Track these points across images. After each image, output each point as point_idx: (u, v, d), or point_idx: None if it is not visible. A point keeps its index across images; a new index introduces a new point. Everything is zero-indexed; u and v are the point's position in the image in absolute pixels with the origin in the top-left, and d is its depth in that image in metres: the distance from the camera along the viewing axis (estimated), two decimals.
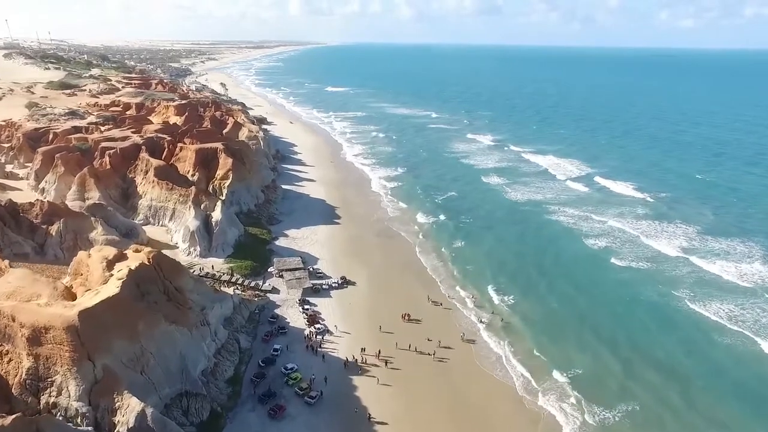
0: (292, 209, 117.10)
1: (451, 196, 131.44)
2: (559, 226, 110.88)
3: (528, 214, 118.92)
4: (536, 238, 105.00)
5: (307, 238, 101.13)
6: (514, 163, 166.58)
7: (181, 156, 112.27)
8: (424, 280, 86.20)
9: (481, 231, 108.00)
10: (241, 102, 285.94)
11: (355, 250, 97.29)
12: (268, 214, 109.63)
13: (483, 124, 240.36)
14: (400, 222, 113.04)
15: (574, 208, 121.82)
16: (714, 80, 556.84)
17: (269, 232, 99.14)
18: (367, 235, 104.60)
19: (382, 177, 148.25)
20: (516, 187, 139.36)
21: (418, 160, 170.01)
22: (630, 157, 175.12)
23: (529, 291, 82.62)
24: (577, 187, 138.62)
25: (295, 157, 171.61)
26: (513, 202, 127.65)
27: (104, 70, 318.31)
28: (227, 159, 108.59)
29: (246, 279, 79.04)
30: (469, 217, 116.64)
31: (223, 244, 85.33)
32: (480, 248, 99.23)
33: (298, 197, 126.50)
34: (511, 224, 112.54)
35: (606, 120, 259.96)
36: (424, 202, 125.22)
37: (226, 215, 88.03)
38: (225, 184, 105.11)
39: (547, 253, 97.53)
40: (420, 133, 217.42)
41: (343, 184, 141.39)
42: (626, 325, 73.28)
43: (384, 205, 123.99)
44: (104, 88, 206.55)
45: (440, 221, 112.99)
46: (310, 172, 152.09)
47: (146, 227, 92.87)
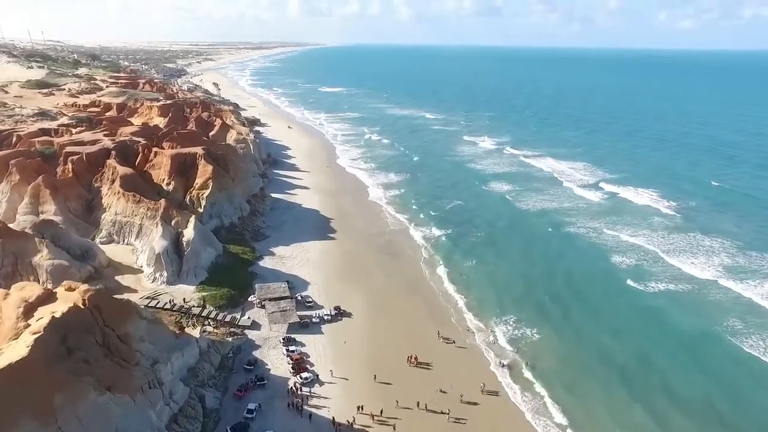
0: (282, 221, 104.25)
1: (456, 205, 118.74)
2: (571, 242, 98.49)
3: (538, 226, 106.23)
4: (550, 255, 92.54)
5: (297, 256, 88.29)
6: (517, 168, 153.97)
7: (155, 162, 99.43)
8: (433, 309, 73.45)
9: (493, 247, 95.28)
10: (234, 102, 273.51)
11: (351, 271, 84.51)
12: (254, 228, 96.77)
13: (483, 126, 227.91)
14: (403, 236, 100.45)
15: (585, 219, 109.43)
16: (714, 81, 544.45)
17: (253, 251, 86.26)
18: (366, 253, 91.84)
19: (381, 184, 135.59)
20: (523, 195, 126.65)
21: (418, 164, 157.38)
22: (636, 161, 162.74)
23: (551, 322, 70.40)
24: (586, 195, 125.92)
25: (288, 161, 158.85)
26: (522, 212, 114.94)
27: (92, 70, 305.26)
28: (207, 166, 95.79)
29: (221, 312, 66.22)
30: (477, 229, 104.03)
31: (195, 268, 72.45)
32: (493, 268, 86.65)
33: (289, 207, 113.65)
34: (523, 238, 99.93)
35: (607, 121, 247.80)
36: (427, 213, 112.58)
37: (199, 233, 75.19)
38: (204, 194, 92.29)
39: (564, 274, 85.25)
40: (419, 136, 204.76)
41: (339, 191, 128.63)
42: (659, 368, 60.71)
43: (384, 216, 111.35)
44: (85, 88, 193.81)
45: (447, 235, 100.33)
46: (304, 179, 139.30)
47: (109, 246, 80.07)
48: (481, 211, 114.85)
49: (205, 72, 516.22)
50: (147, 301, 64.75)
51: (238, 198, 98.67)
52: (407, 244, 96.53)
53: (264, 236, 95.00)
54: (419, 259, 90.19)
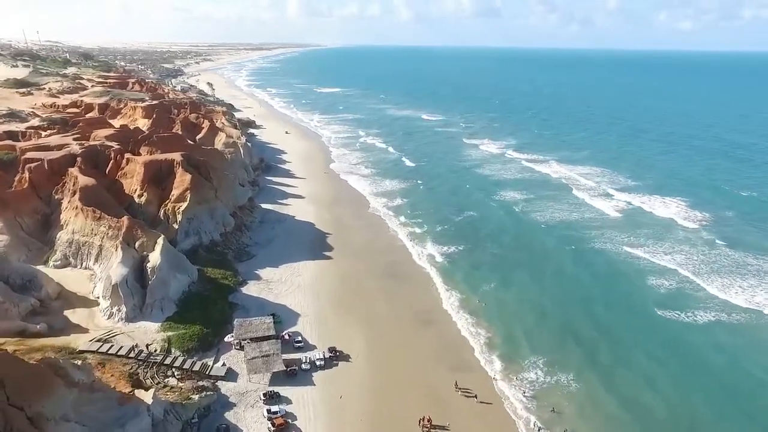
0: (271, 237, 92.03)
1: (467, 217, 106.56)
2: (594, 262, 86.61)
3: (556, 243, 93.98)
4: (574, 278, 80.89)
5: (287, 280, 76.08)
6: (524, 174, 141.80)
7: (127, 170, 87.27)
8: (448, 348, 61.36)
9: (510, 267, 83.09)
10: (228, 103, 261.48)
11: (350, 298, 72.32)
12: (238, 246, 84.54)
13: (484, 128, 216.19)
14: (408, 254, 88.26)
15: (604, 234, 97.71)
16: (715, 82, 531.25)
17: (235, 275, 74.02)
18: (367, 275, 79.61)
19: (382, 192, 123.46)
20: (534, 205, 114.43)
21: (419, 170, 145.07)
22: (646, 165, 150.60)
23: (587, 364, 58.67)
24: (601, 206, 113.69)
25: (282, 167, 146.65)
26: (536, 226, 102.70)
27: (81, 69, 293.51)
28: (185, 175, 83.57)
29: (189, 357, 54.01)
30: (490, 245, 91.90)
31: (161, 301, 60.23)
32: (514, 293, 74.72)
33: (281, 220, 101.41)
34: (541, 257, 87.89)
35: (610, 122, 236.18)
36: (433, 226, 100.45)
37: (169, 257, 62.98)
38: (180, 207, 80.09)
39: (592, 301, 73.73)
40: (420, 139, 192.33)
41: (337, 201, 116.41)
42: None
43: (385, 230, 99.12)
44: (67, 87, 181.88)
45: (458, 252, 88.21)
46: (299, 186, 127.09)
47: (64, 271, 67.99)
48: (492, 224, 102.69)
49: (202, 72, 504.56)
50: (97, 345, 52.51)
51: (221, 211, 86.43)
52: (413, 264, 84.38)
53: (249, 256, 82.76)
54: (428, 282, 78.01)
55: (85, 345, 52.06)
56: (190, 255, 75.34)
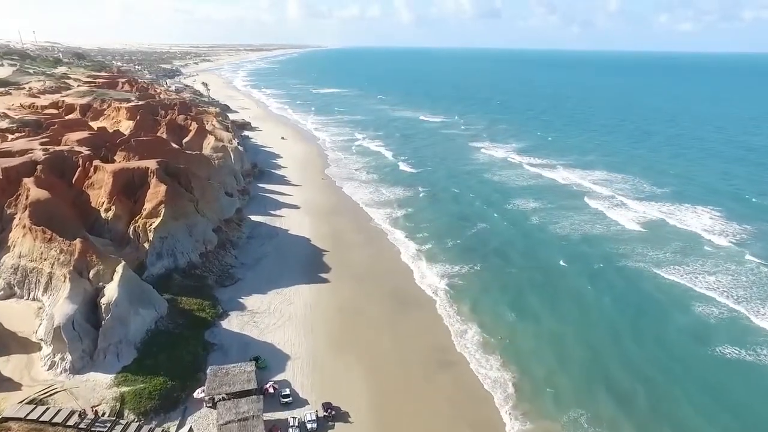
0: (260, 256, 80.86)
1: (474, 230, 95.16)
2: (621, 283, 75.90)
3: (577, 260, 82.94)
4: (601, 303, 70.40)
5: (276, 310, 64.98)
6: (532, 181, 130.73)
7: (95, 180, 76.25)
8: (469, 401, 50.46)
9: (532, 292, 72.09)
10: (224, 104, 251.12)
11: (349, 333, 61.23)
12: (221, 268, 73.36)
13: (488, 130, 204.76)
14: (416, 275, 77.09)
15: (626, 250, 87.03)
16: (718, 83, 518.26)
17: (214, 305, 62.88)
18: (369, 302, 68.47)
19: (384, 200, 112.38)
20: (548, 216, 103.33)
21: (423, 176, 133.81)
22: (660, 171, 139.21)
23: (622, 416, 47.75)
24: (618, 217, 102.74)
25: (277, 172, 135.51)
26: (552, 239, 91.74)
27: (72, 69, 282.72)
28: (159, 185, 72.46)
29: (146, 422, 42.83)
30: (505, 264, 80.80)
31: (118, 345, 49.09)
32: (540, 326, 64.14)
33: (272, 235, 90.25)
34: (562, 277, 77.31)
35: (614, 123, 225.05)
36: (440, 240, 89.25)
37: (128, 290, 51.84)
38: (152, 224, 69.01)
39: (623, 333, 63.38)
40: (423, 142, 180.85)
41: (335, 211, 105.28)
42: None
43: (389, 247, 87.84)
44: (49, 87, 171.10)
45: (472, 273, 77.18)
46: (295, 195, 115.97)
47: (8, 302, 56.86)
48: (502, 239, 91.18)
49: (200, 73, 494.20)
50: (27, 409, 41.37)
51: (203, 226, 75.31)
52: (422, 288, 73.21)
53: (234, 280, 71.61)
54: (441, 312, 66.80)
55: (12, 409, 41.01)
56: (161, 281, 64.46)
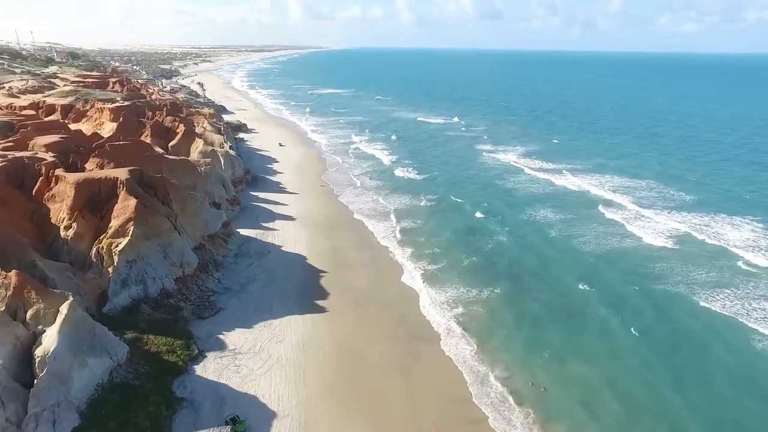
0: (248, 279, 70.52)
1: (488, 246, 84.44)
2: (658, 316, 64.16)
3: (605, 282, 72.05)
4: (642, 341, 58.54)
5: (263, 350, 54.67)
6: (543, 188, 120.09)
7: (56, 192, 66.07)
8: None
9: (557, 325, 61.38)
10: (220, 105, 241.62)
11: (350, 381, 50.86)
12: (200, 295, 63.01)
13: (491, 132, 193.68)
14: (426, 302, 66.65)
15: (657, 272, 75.70)
16: (725, 83, 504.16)
17: (188, 344, 52.55)
18: (373, 339, 58.11)
19: (387, 211, 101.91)
20: (566, 229, 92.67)
21: (429, 182, 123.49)
22: (675, 177, 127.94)
23: None
24: (641, 232, 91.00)
25: (272, 179, 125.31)
26: (574, 257, 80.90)
27: (63, 68, 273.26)
28: (128, 199, 62.23)
29: None
30: (526, 290, 70.07)
31: (55, 409, 38.75)
32: (580, 369, 53.18)
33: (263, 252, 79.90)
34: (594, 305, 66.26)
35: (620, 125, 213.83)
36: (452, 259, 78.77)
37: (73, 335, 41.56)
38: (118, 245, 58.76)
39: (679, 383, 51.86)
40: (426, 146, 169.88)
41: (334, 224, 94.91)
42: None
43: (394, 267, 77.11)
44: (32, 86, 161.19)
45: (486, 301, 66.77)
46: (290, 204, 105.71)
47: None
48: (517, 257, 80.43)
49: (199, 73, 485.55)
50: None
51: (180, 247, 65.04)
52: (432, 319, 62.75)
53: (215, 310, 61.26)
54: (455, 351, 56.28)
55: None
56: (126, 315, 54.29)
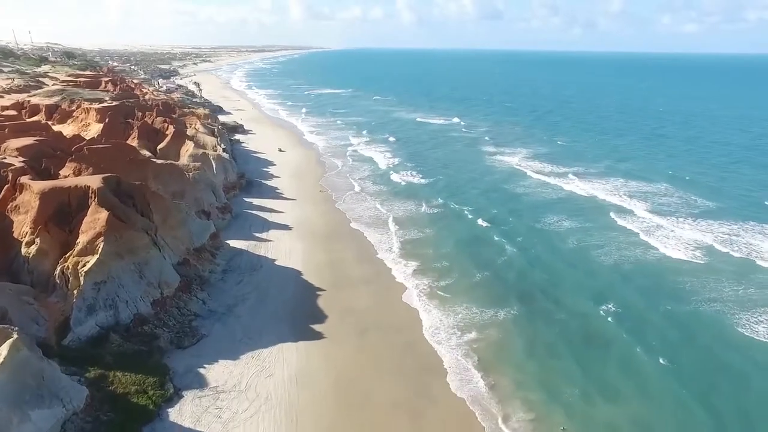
0: (237, 300, 63.19)
1: (495, 261, 75.41)
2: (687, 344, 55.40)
3: (625, 303, 63.05)
4: (674, 375, 50.11)
5: (249, 388, 47.32)
6: (549, 193, 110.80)
7: (20, 203, 58.88)
8: None
9: (576, 356, 53.15)
10: (217, 105, 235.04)
11: (350, 426, 43.64)
12: (181, 320, 55.67)
13: (495, 134, 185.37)
14: (432, 328, 58.99)
15: (682, 291, 66.44)
16: (729, 84, 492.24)
17: (162, 381, 45.25)
18: (376, 374, 50.74)
19: (388, 220, 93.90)
20: (578, 241, 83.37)
21: (431, 187, 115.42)
22: (687, 182, 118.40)
23: None
24: (658, 243, 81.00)
25: (268, 183, 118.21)
26: (589, 273, 71.49)
27: (56, 67, 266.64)
28: (100, 212, 55.00)
29: None
30: (539, 313, 61.58)
31: None
32: (596, 416, 45.51)
33: (255, 267, 72.58)
34: (616, 329, 57.83)
35: (624, 126, 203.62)
36: (458, 276, 70.32)
37: (10, 384, 34.27)
38: (85, 265, 51.60)
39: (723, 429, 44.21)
40: (427, 146, 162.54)
41: (333, 234, 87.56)
42: None
43: (397, 285, 69.41)
44: (17, 86, 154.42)
45: (497, 325, 58.92)
46: (287, 212, 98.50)
47: None
48: (527, 273, 71.70)
49: (198, 73, 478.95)
50: None
51: (159, 264, 57.77)
52: (441, 348, 54.99)
53: (196, 337, 53.90)
54: (475, 393, 48.88)
55: None
56: (91, 348, 47.10)
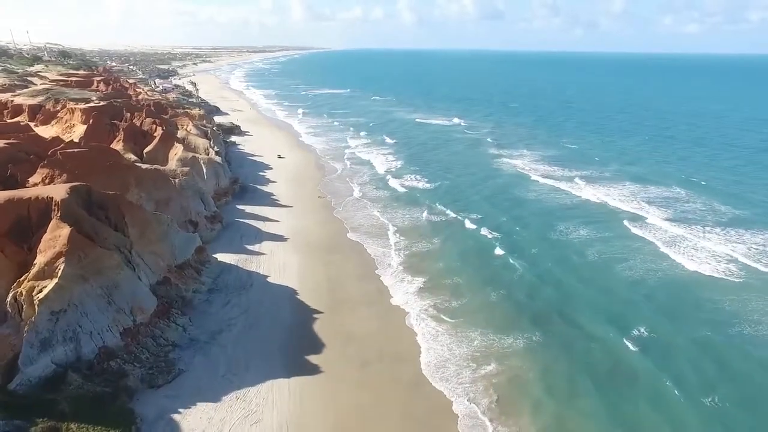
0: (222, 325, 55.70)
1: (514, 276, 68.48)
2: (726, 381, 47.76)
3: (652, 330, 55.45)
4: (716, 422, 42.98)
5: None
6: (557, 199, 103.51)
7: None
8: None
9: (604, 399, 45.31)
10: (214, 105, 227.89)
11: None
12: (155, 352, 48.14)
13: (497, 135, 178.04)
14: (446, 366, 51.16)
15: (716, 316, 58.74)
16: (733, 84, 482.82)
17: None
18: (381, 424, 43.23)
19: (391, 230, 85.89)
20: (594, 254, 75.40)
21: (435, 193, 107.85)
22: (700, 187, 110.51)
23: None
24: (682, 259, 73.20)
25: (263, 189, 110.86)
26: (609, 293, 63.78)
27: (49, 66, 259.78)
28: (60, 227, 47.66)
29: None
30: (557, 342, 53.94)
31: None
32: None
33: (245, 284, 65.16)
34: (644, 363, 50.23)
35: (630, 127, 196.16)
36: (474, 297, 62.70)
37: None
38: (40, 291, 44.25)
39: None
40: (433, 150, 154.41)
41: (332, 246, 80.00)
42: None
43: (405, 312, 61.29)
44: (1, 85, 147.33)
45: (523, 357, 51.60)
46: (283, 220, 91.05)
47: None
48: (538, 293, 63.94)
49: (198, 73, 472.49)
50: None
51: (131, 287, 50.37)
52: (456, 388, 47.74)
53: (172, 373, 46.44)
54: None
55: None
56: (44, 391, 39.70)
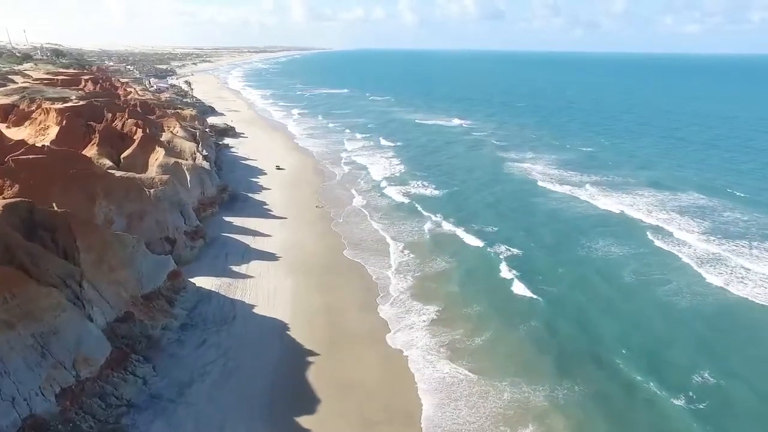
0: (194, 374, 45.55)
1: (532, 308, 57.46)
2: None
3: (694, 381, 44.91)
4: None
5: None
6: (582, 212, 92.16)
7: None
8: None
9: None
10: (209, 105, 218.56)
11: None
12: (103, 417, 38.13)
13: (499, 136, 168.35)
14: (462, 427, 41.76)
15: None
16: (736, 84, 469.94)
17: None
18: None
19: (395, 250, 74.94)
20: (631, 280, 64.39)
21: (440, 202, 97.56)
22: (723, 194, 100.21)
23: None
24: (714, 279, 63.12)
25: (255, 197, 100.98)
26: (664, 331, 52.93)
27: (39, 65, 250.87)
28: None
29: None
30: (604, 396, 43.38)
31: None
32: None
33: (225, 318, 55.01)
34: (690, 421, 40.45)
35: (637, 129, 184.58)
36: (489, 336, 51.85)
37: None
38: None
39: None
40: (431, 148, 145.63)
41: (330, 266, 69.81)
42: None
43: (416, 353, 50.63)
44: None
45: (550, 417, 41.33)
46: (275, 234, 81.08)
47: None
48: (578, 333, 52.68)
49: (197, 73, 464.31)
50: None
51: (75, 332, 40.45)
52: None
53: None
54: None
55: None
56: None
